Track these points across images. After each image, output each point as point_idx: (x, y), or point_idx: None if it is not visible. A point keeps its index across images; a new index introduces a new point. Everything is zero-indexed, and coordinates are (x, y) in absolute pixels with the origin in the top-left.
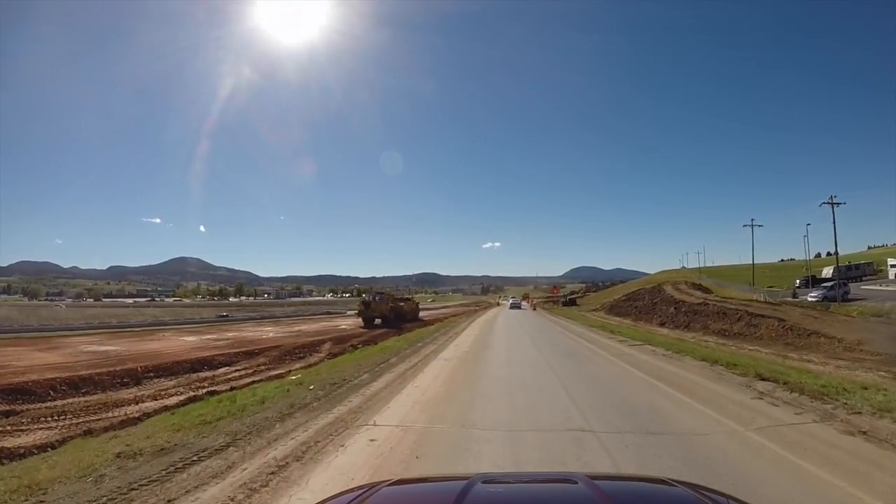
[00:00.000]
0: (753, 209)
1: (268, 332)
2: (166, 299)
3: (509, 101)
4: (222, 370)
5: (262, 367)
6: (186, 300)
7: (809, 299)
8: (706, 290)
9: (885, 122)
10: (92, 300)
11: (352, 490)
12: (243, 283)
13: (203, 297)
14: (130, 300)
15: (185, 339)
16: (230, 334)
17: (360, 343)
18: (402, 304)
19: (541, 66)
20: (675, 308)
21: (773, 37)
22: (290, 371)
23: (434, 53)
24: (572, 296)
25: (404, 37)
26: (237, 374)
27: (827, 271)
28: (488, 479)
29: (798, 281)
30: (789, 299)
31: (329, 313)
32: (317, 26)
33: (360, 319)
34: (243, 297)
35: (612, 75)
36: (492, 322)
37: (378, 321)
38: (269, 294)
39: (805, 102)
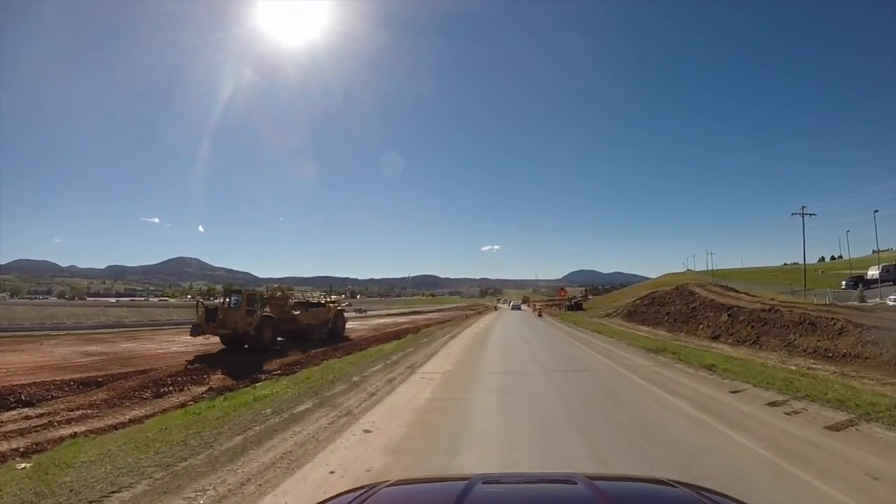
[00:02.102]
0: (753, 212)
1: (170, 346)
2: (151, 299)
3: (509, 103)
4: (9, 414)
5: (74, 415)
6: (172, 300)
7: (889, 303)
8: (743, 293)
9: (886, 125)
10: (75, 299)
11: (351, 490)
12: (233, 283)
13: (191, 298)
14: (114, 299)
15: (57, 350)
16: (122, 346)
17: (279, 368)
18: (296, 313)
19: (540, 68)
20: (728, 315)
21: (769, 39)
22: (88, 432)
23: (434, 55)
24: (578, 300)
25: (404, 38)
26: (17, 426)
27: (873, 272)
28: (488, 480)
29: (844, 282)
30: (856, 303)
31: None
32: (317, 28)
33: (206, 337)
34: None
35: (611, 78)
36: (484, 338)
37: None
38: None
39: (802, 106)
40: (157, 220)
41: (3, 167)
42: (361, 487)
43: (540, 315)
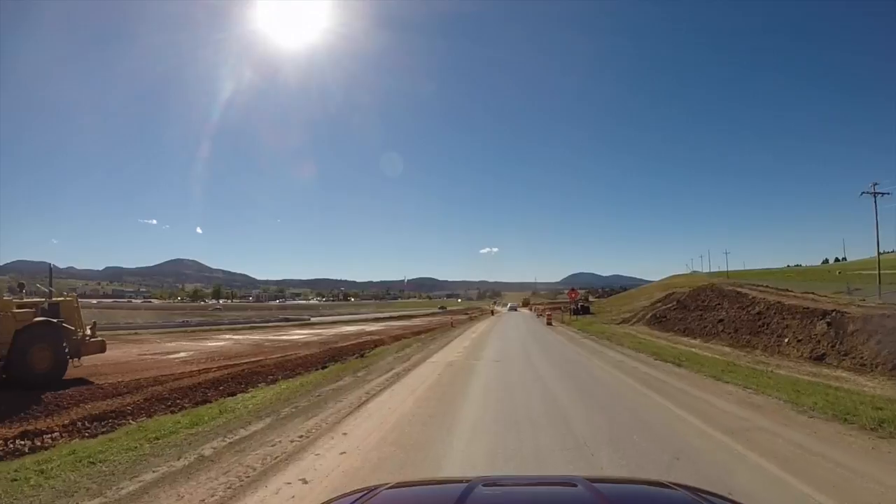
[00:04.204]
0: (753, 214)
1: None
2: (133, 300)
3: (509, 104)
4: None
5: None
6: (156, 302)
7: None
8: (809, 294)
9: (884, 125)
10: None
11: (352, 493)
12: (221, 286)
13: (181, 300)
14: (95, 300)
15: None
16: None
17: (86, 419)
18: None
19: (540, 69)
20: (828, 324)
21: (769, 40)
22: None
23: (434, 56)
24: (585, 303)
25: (404, 39)
26: None
27: None
28: (489, 482)
29: None
30: None
31: (287, 320)
32: (317, 28)
33: None
34: (223, 300)
35: (610, 79)
36: (461, 379)
37: None
38: (251, 297)
39: (802, 106)
40: (154, 222)
41: (2, 167)
42: (361, 490)
43: (549, 323)
